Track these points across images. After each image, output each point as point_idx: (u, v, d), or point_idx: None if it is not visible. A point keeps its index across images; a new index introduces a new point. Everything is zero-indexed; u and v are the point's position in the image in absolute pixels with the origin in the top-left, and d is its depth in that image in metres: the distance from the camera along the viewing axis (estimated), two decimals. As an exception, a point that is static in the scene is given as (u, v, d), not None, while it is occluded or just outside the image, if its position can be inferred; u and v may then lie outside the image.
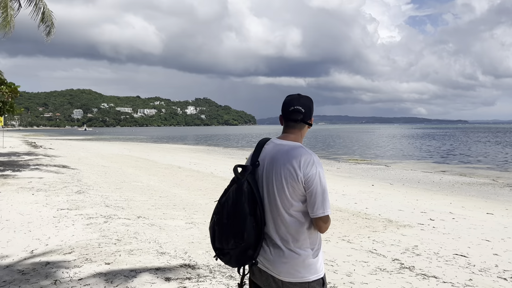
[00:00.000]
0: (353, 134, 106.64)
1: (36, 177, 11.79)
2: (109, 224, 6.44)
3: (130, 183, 12.25)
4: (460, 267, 5.57)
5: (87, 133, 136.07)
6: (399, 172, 22.56)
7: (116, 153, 29.77)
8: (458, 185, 17.37)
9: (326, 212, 2.06)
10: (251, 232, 2.07)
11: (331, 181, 17.00)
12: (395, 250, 6.29)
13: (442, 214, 10.19)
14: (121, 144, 48.92)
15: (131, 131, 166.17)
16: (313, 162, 2.09)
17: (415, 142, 60.69)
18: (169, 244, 5.54)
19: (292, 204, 2.09)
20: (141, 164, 20.42)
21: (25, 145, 31.34)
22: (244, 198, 2.08)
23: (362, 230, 7.75)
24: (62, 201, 8.24)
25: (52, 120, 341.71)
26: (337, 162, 29.80)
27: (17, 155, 20.29)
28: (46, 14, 17.80)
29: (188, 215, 7.78)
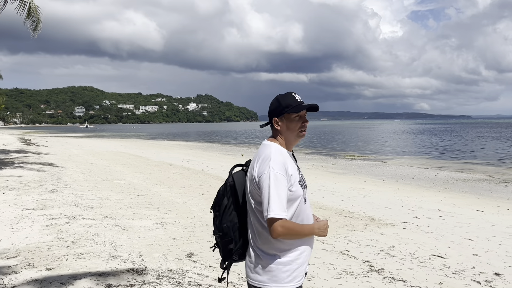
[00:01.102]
0: (354, 130, 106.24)
1: (15, 176, 11.53)
2: (70, 225, 6.17)
3: (112, 181, 11.98)
4: (434, 269, 5.28)
5: (88, 130, 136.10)
6: (394, 168, 22.26)
7: (111, 150, 29.53)
8: (453, 182, 17.06)
9: (269, 215, 1.94)
10: (234, 227, 2.10)
11: (323, 178, 16.73)
12: (369, 251, 5.99)
13: (430, 212, 9.90)
14: (118, 141, 48.73)
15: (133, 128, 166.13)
16: (269, 159, 2.02)
17: (415, 138, 60.31)
18: (126, 246, 5.26)
19: (253, 203, 2.07)
20: (132, 162, 20.16)
21: (18, 142, 31.16)
22: (226, 192, 2.14)
23: (340, 230, 7.45)
24: (31, 201, 7.97)
25: (54, 117, 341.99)
26: (334, 158, 29.49)
27: (6, 153, 20.07)
28: (32, 9, 17.49)
29: (159, 215, 7.50)
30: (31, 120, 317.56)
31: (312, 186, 13.83)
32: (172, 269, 4.39)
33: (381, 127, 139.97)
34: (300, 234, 2.06)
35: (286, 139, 2.16)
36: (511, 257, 6.13)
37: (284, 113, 2.14)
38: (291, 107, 2.13)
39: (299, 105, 2.15)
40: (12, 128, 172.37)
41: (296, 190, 2.06)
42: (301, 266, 2.10)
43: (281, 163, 2.02)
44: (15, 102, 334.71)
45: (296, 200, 2.06)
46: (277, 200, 1.94)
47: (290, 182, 2.03)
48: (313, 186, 13.68)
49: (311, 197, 11.50)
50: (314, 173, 19.02)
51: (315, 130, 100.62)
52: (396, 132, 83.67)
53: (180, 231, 6.40)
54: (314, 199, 11.00)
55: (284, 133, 2.15)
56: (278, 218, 1.94)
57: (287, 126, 2.15)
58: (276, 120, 2.15)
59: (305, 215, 2.13)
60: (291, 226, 2.00)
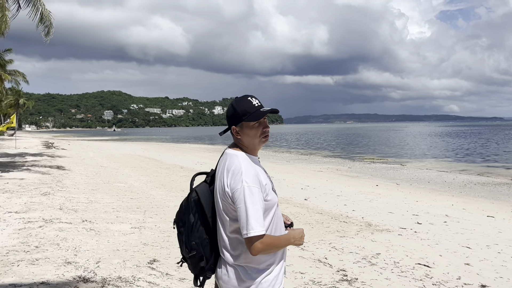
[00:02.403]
0: (379, 132, 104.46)
1: (18, 178, 11.65)
2: (42, 229, 6.06)
3: (113, 184, 11.94)
4: (413, 279, 4.89)
5: (115, 133, 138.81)
6: (412, 172, 21.58)
7: (128, 153, 29.82)
8: (471, 186, 16.35)
9: (249, 234, 1.85)
10: (203, 243, 2.02)
11: (334, 181, 16.31)
12: (349, 259, 5.63)
13: (435, 217, 9.41)
14: (140, 144, 49.34)
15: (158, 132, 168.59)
16: (241, 173, 1.90)
17: (440, 140, 58.70)
18: (89, 252, 5.10)
19: (225, 218, 1.97)
20: (144, 164, 20.22)
21: (40, 146, 31.87)
22: (190, 208, 2.04)
23: (329, 236, 7.10)
24: (18, 204, 7.96)
25: (84, 121, 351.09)
26: (352, 161, 28.91)
27: (23, 156, 20.47)
28: (45, 15, 17.82)
29: (142, 219, 7.34)
30: (62, 124, 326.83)
31: (320, 189, 13.47)
32: (122, 277, 4.19)
33: (407, 129, 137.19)
34: (279, 247, 1.99)
35: (249, 146, 2.05)
36: (506, 267, 5.67)
37: (242, 121, 2.00)
38: (249, 115, 2.00)
39: (256, 111, 2.01)
40: (44, 132, 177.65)
41: (271, 198, 1.98)
42: (278, 274, 2.03)
43: (253, 175, 1.92)
44: (47, 107, 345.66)
45: (272, 208, 1.99)
46: (255, 216, 1.86)
47: (265, 192, 1.95)
48: (321, 190, 13.32)
49: (315, 200, 11.16)
50: (326, 176, 18.61)
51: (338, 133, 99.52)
52: (422, 135, 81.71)
53: (155, 236, 6.20)
54: (316, 203, 10.65)
55: (245, 141, 2.03)
56: (258, 236, 1.86)
57: (247, 133, 2.02)
58: (234, 128, 2.03)
59: (279, 222, 2.06)
60: (269, 242, 1.91)
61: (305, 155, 35.32)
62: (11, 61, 47.11)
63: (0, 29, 15.80)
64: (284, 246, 2.02)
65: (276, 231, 2.02)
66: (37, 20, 17.70)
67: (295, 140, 68.17)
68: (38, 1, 17.63)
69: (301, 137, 79.77)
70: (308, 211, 9.42)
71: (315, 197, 11.78)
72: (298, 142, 61.13)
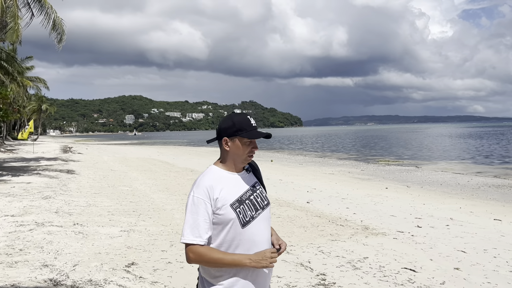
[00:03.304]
0: (399, 134, 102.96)
1: (25, 182, 11.90)
2: (32, 232, 6.17)
3: (117, 187, 12.08)
4: (393, 284, 4.78)
5: (135, 137, 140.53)
6: (426, 174, 21.19)
7: (142, 156, 30.15)
8: (484, 188, 15.95)
9: (181, 240, 1.93)
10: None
11: (342, 184, 16.12)
12: (334, 263, 5.54)
13: (439, 220, 9.19)
14: (157, 148, 49.83)
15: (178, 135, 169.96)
16: (195, 184, 2.00)
17: (461, 141, 57.48)
18: (70, 255, 5.15)
19: None
20: (155, 168, 20.40)
21: (58, 150, 32.55)
22: None
23: (320, 239, 7.01)
24: (17, 207, 8.13)
25: (106, 125, 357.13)
26: (366, 163, 28.53)
27: (38, 160, 20.94)
28: (57, 22, 18.20)
29: (134, 222, 7.39)
30: (85, 128, 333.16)
31: (326, 192, 13.33)
32: (93, 280, 4.21)
33: (428, 131, 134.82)
34: (217, 263, 1.92)
35: (232, 160, 2.07)
36: (497, 272, 5.48)
37: (236, 135, 2.04)
38: (246, 132, 2.04)
39: (253, 131, 2.05)
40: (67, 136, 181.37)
41: (224, 214, 1.95)
42: None
43: (204, 187, 1.95)
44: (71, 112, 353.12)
45: (226, 225, 1.95)
46: (190, 225, 1.90)
47: (216, 205, 1.94)
48: (327, 193, 13.19)
49: (318, 203, 11.04)
50: (336, 179, 18.42)
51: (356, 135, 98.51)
52: (442, 136, 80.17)
53: (141, 239, 6.23)
54: (317, 206, 10.54)
55: (231, 154, 2.06)
56: (189, 244, 1.91)
57: (236, 148, 2.05)
58: (226, 140, 2.05)
59: (244, 240, 1.97)
60: (203, 253, 1.91)
61: (320, 157, 35.08)
62: (32, 67, 48.35)
63: (12, 38, 16.21)
64: (228, 265, 1.93)
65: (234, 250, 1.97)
66: (49, 27, 18.11)
67: (311, 142, 67.81)
68: (50, 9, 18.03)
69: (318, 140, 79.32)
70: (306, 214, 9.33)
71: (318, 200, 11.66)
72: (314, 144, 60.80)
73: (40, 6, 17.98)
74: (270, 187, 14.52)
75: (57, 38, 18.39)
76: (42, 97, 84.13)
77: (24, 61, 46.81)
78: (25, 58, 46.75)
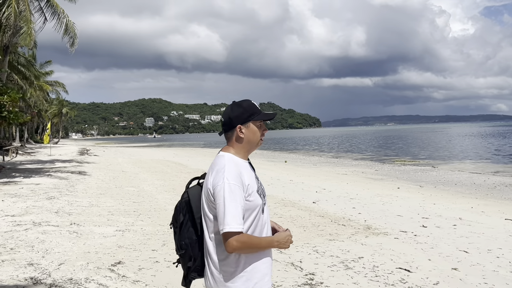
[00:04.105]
0: (418, 134, 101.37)
1: (34, 183, 12.08)
2: (27, 232, 6.23)
3: (124, 188, 12.16)
4: (383, 284, 4.63)
5: (154, 140, 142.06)
6: (442, 174, 20.76)
7: (157, 158, 30.38)
8: (501, 187, 15.52)
9: (224, 229, 1.86)
10: (192, 243, 2.05)
11: (354, 184, 15.89)
12: (326, 262, 5.42)
13: (447, 220, 8.95)
14: (173, 150, 50.17)
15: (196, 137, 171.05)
16: (223, 171, 1.93)
17: (483, 141, 56.21)
18: (59, 254, 5.16)
19: (209, 217, 1.98)
20: (167, 169, 20.51)
21: (75, 153, 33.09)
22: (181, 208, 2.10)
23: (317, 239, 6.88)
24: (20, 208, 8.23)
25: (127, 128, 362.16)
26: (381, 164, 28.13)
27: (53, 162, 21.29)
28: (69, 26, 18.52)
29: (132, 222, 7.39)
30: (106, 131, 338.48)
31: (335, 192, 13.16)
32: (73, 279, 4.20)
33: (449, 130, 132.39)
34: (258, 248, 1.97)
35: (246, 148, 2.09)
36: (497, 272, 5.28)
37: (249, 120, 2.07)
38: (257, 115, 2.08)
39: (263, 113, 2.11)
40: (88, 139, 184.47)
41: (254, 200, 1.98)
42: (263, 278, 1.99)
43: (236, 173, 1.94)
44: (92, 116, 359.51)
45: (254, 210, 1.98)
46: (232, 213, 1.86)
47: (248, 192, 1.95)
48: (336, 193, 13.00)
49: (324, 203, 10.89)
50: (349, 179, 18.19)
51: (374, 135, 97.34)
52: (463, 136, 78.55)
53: (135, 238, 6.22)
54: (323, 206, 10.39)
55: (246, 141, 2.07)
56: (233, 232, 1.86)
57: (252, 133, 2.08)
58: (240, 127, 2.06)
59: (263, 225, 2.05)
60: (247, 240, 1.91)
61: (335, 158, 34.76)
62: (51, 72, 49.32)
63: (25, 42, 16.54)
64: (264, 248, 1.99)
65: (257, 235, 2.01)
66: (62, 31, 18.46)
67: (327, 143, 67.30)
68: (62, 13, 18.37)
69: (334, 140, 78.70)
70: (309, 214, 9.20)
71: (325, 200, 11.51)
72: (330, 145, 60.32)
73: (53, 11, 18.33)
74: (279, 187, 14.42)
75: (69, 41, 18.74)
76: (63, 101, 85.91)
77: (44, 65, 47.85)
78: (44, 62, 47.81)
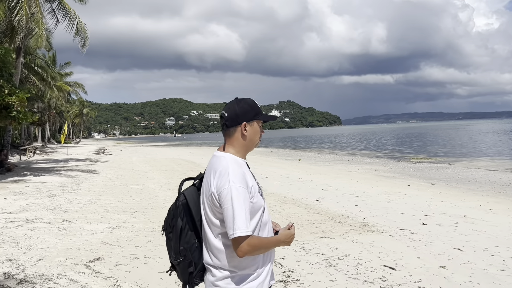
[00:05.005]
0: (439, 131, 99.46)
1: (41, 182, 12.30)
2: (17, 228, 6.33)
3: (128, 186, 12.27)
4: (361, 282, 4.53)
5: (174, 139, 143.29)
6: (457, 171, 20.28)
7: (172, 157, 30.60)
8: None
9: (235, 234, 1.81)
10: (192, 248, 1.99)
11: (363, 182, 15.66)
12: (309, 260, 5.33)
13: (450, 218, 8.74)
14: (190, 149, 50.46)
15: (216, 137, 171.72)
16: (228, 173, 1.88)
17: (506, 138, 54.70)
18: (41, 250, 5.22)
19: (212, 221, 1.93)
20: (178, 167, 20.63)
21: (92, 152, 33.65)
22: (178, 212, 2.01)
23: (308, 236, 6.78)
24: (19, 205, 8.38)
25: (148, 128, 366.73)
26: (397, 161, 27.68)
27: (67, 162, 21.68)
28: (80, 27, 18.80)
29: (125, 219, 7.43)
30: (128, 131, 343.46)
31: (342, 190, 12.99)
32: (45, 275, 4.23)
33: (472, 127, 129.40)
34: (266, 248, 1.95)
35: (246, 147, 2.05)
36: (487, 271, 5.10)
37: (255, 119, 2.05)
38: (261, 115, 2.08)
39: (266, 114, 2.12)
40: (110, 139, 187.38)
41: (257, 201, 1.94)
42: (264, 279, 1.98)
43: (241, 175, 1.90)
44: (114, 116, 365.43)
45: (258, 211, 1.95)
46: (242, 217, 1.82)
47: (251, 193, 1.91)
48: (342, 191, 12.84)
49: (327, 201, 10.76)
50: (359, 177, 17.95)
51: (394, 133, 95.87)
52: (487, 133, 76.67)
53: (123, 235, 6.24)
54: (324, 204, 10.28)
55: (248, 139, 2.03)
56: (244, 236, 1.82)
57: (254, 132, 2.04)
58: (245, 125, 2.02)
59: (265, 224, 2.02)
60: (257, 243, 1.88)
61: (350, 156, 34.38)
62: (70, 73, 50.26)
63: (37, 43, 16.87)
64: (272, 248, 1.99)
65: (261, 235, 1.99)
66: (73, 32, 18.75)
67: (344, 141, 66.63)
68: (73, 14, 18.66)
69: (352, 138, 77.89)
70: (308, 212, 9.09)
71: (329, 198, 11.37)
72: (347, 143, 59.72)
73: (65, 13, 18.64)
74: (286, 185, 14.32)
75: (80, 42, 19.02)
76: (84, 102, 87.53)
77: (63, 67, 48.82)
78: (64, 64, 48.78)
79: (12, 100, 12.04)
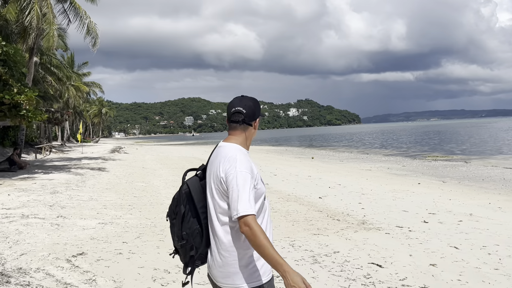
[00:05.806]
0: (460, 129, 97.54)
1: (48, 179, 12.47)
2: (10, 223, 6.40)
3: (133, 183, 12.35)
4: (343, 279, 4.41)
5: (193, 138, 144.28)
6: (472, 169, 19.83)
7: (185, 155, 30.76)
8: (531, 182, 14.63)
9: (239, 214, 1.93)
10: (194, 233, 2.12)
11: (372, 180, 15.42)
12: (296, 256, 5.26)
13: (455, 216, 8.52)
14: (206, 147, 50.64)
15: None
16: (236, 160, 2.04)
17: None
18: (28, 245, 5.26)
19: (220, 205, 2.07)
20: (188, 165, 20.57)
21: (107, 151, 34.05)
22: (181, 200, 2.14)
23: (302, 233, 6.69)
24: (21, 201, 8.49)
25: (167, 127, 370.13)
26: (412, 159, 27.24)
27: (80, 160, 21.99)
28: (90, 27, 19.03)
29: (120, 215, 7.46)
30: (147, 130, 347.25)
31: (349, 188, 12.82)
32: (23, 269, 4.25)
33: (495, 125, 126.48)
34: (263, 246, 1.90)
35: (249, 140, 2.25)
36: (480, 269, 4.95)
37: (260, 115, 2.27)
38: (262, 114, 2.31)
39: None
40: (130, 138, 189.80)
41: (260, 188, 2.10)
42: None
43: (247, 163, 2.06)
44: (134, 115, 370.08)
45: (260, 197, 2.11)
46: (246, 198, 1.96)
47: (256, 180, 2.07)
48: (348, 189, 12.67)
49: (331, 199, 10.64)
50: (369, 175, 17.70)
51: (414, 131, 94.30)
52: (507, 130, 74.82)
53: (113, 231, 6.26)
54: (327, 201, 10.17)
55: (254, 134, 2.26)
56: (248, 215, 1.93)
57: (256, 128, 2.27)
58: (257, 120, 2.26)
59: (265, 210, 2.17)
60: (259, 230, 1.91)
61: (365, 154, 33.98)
62: (88, 73, 51.00)
63: (48, 43, 17.15)
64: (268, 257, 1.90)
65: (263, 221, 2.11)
66: (84, 32, 19.01)
67: (361, 139, 65.91)
68: (84, 15, 18.90)
69: (368, 136, 76.99)
70: (308, 209, 8.98)
71: (334, 195, 11.23)
72: (363, 141, 59.05)
73: (76, 13, 18.89)
74: (293, 183, 14.19)
75: (91, 42, 19.25)
76: (102, 101, 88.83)
77: (81, 67, 49.62)
78: (81, 64, 49.58)
79: (21, 99, 12.27)
